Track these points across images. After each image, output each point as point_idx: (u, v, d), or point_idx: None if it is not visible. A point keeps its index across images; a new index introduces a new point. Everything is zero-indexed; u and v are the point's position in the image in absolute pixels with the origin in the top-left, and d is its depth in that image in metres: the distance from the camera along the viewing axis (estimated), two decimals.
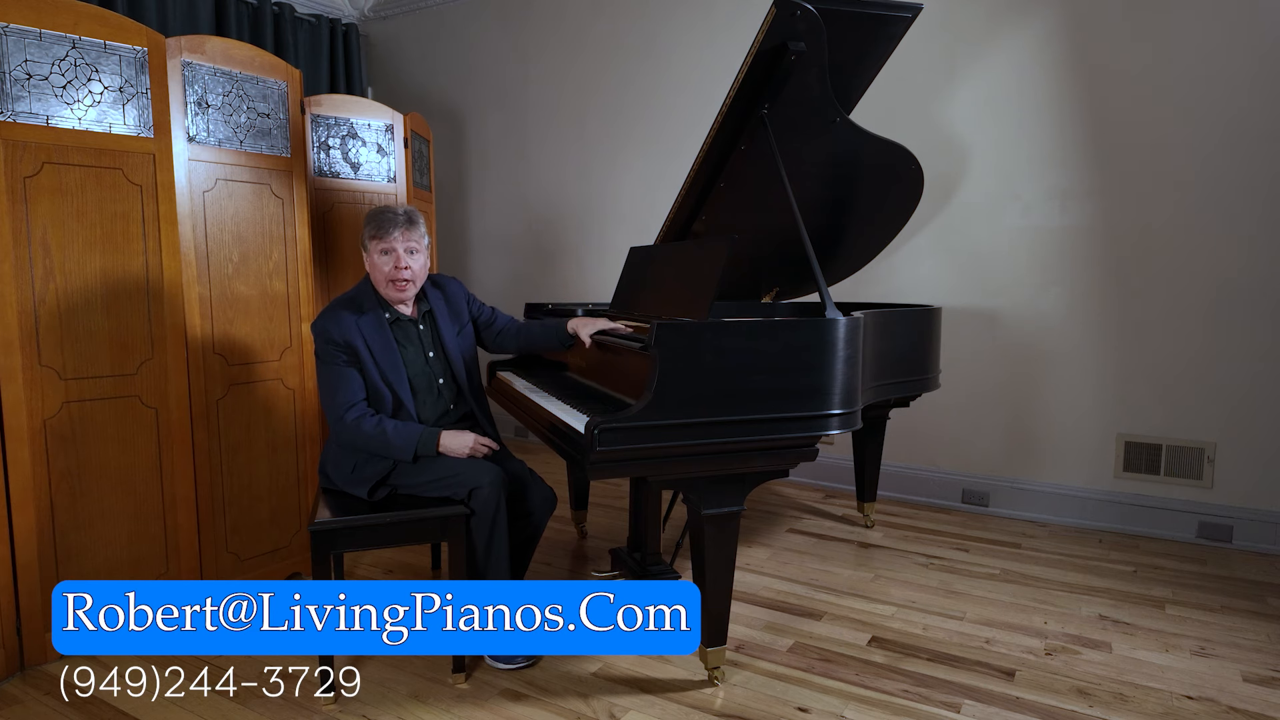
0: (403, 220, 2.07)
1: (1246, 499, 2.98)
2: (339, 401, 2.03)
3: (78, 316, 2.07)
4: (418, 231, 2.09)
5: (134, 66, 2.13)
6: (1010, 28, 3.24)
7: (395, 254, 2.05)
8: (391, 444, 2.00)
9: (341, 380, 2.04)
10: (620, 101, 4.28)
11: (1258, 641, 2.25)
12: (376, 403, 2.07)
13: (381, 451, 2.02)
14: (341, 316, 2.05)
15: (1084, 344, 3.22)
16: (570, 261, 4.61)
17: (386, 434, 2.00)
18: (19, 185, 1.96)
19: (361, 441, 2.02)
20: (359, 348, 2.04)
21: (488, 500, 1.99)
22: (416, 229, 2.09)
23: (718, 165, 2.44)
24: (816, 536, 3.13)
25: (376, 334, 2.07)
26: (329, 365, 2.05)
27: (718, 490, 1.88)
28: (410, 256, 2.07)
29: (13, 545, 2.00)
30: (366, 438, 2.01)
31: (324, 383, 2.07)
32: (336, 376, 2.04)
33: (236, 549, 2.45)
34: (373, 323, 2.07)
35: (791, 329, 1.82)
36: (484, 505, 1.99)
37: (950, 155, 3.40)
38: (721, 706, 1.91)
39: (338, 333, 2.03)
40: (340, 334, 2.03)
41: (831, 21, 2.08)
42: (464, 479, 2.00)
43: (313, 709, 1.89)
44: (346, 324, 2.04)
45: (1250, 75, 2.85)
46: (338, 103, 2.90)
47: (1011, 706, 1.91)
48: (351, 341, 2.03)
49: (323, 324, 2.04)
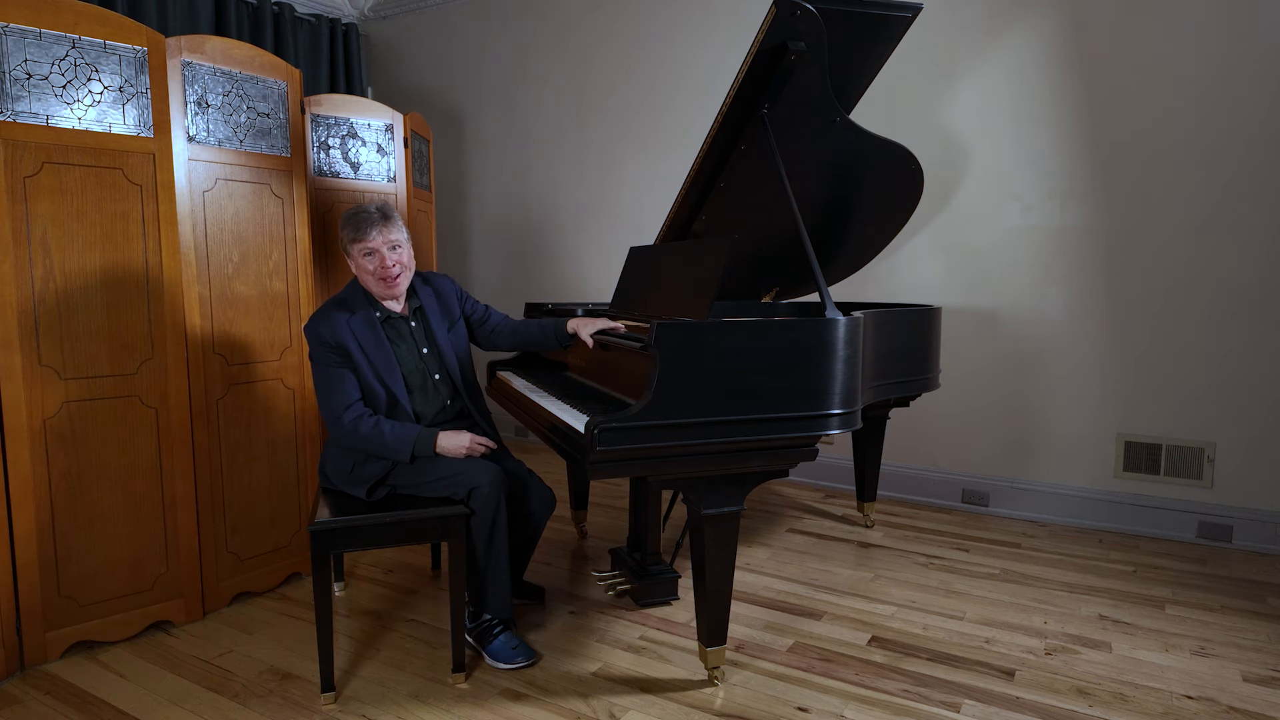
0: (378, 218, 2.06)
1: (1246, 499, 2.98)
2: (335, 404, 2.03)
3: (78, 316, 2.07)
4: (395, 225, 2.09)
5: (134, 66, 2.12)
6: (1010, 28, 3.24)
7: (379, 254, 2.05)
8: (388, 445, 2.00)
9: (336, 382, 2.04)
10: (620, 101, 4.28)
11: (1258, 641, 2.25)
12: (371, 402, 2.07)
13: (379, 452, 2.02)
14: (332, 317, 2.05)
15: (1084, 344, 3.22)
16: (570, 261, 4.61)
17: (383, 435, 2.00)
18: (19, 185, 1.95)
19: (359, 443, 2.02)
20: (351, 348, 2.04)
21: (487, 500, 2.00)
22: (394, 223, 2.09)
23: (718, 165, 2.44)
24: (816, 536, 3.13)
25: (368, 333, 2.07)
26: (323, 367, 2.05)
27: (718, 490, 1.88)
28: (394, 252, 2.07)
29: (13, 545, 2.00)
30: (363, 439, 2.00)
31: (319, 385, 2.07)
32: (331, 378, 2.04)
33: (236, 549, 2.45)
34: (364, 322, 2.07)
35: (791, 329, 1.82)
36: (484, 505, 2.00)
37: (950, 155, 3.40)
38: (721, 706, 1.90)
39: (329, 334, 2.03)
40: (331, 335, 2.03)
41: (831, 21, 2.08)
42: (463, 478, 2.00)
43: (313, 709, 1.89)
44: (338, 324, 2.04)
45: (1250, 75, 2.85)
46: (338, 102, 2.90)
47: (1011, 706, 1.91)
48: (343, 342, 2.03)
49: (314, 326, 2.04)
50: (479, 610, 2.12)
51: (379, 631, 2.29)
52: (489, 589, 2.09)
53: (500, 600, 2.11)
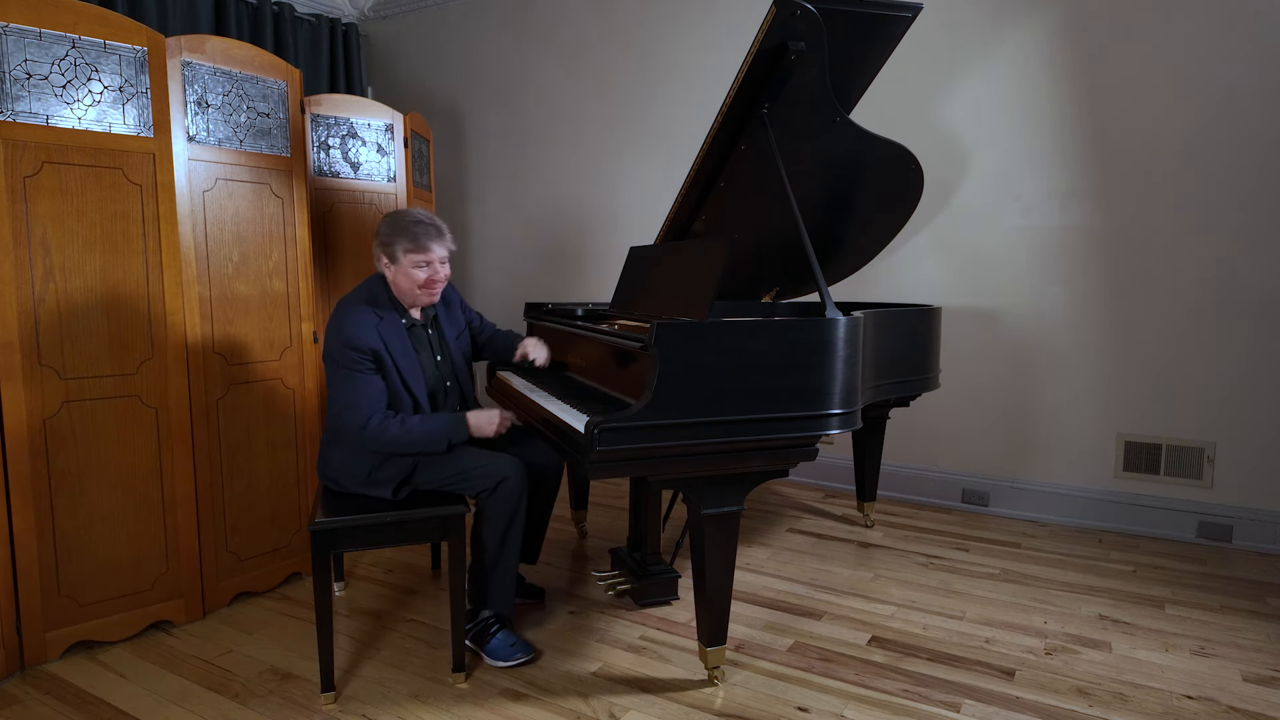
0: (435, 232, 2.08)
1: (1246, 499, 2.98)
2: (361, 408, 1.97)
3: (78, 316, 2.07)
4: (449, 238, 2.13)
5: (134, 66, 2.12)
6: (1010, 28, 3.24)
7: (433, 265, 2.07)
8: (421, 440, 1.98)
9: (364, 387, 1.99)
10: (621, 101, 4.28)
11: (1258, 641, 2.25)
12: (397, 407, 2.06)
13: (409, 450, 2.00)
14: (364, 322, 2.00)
15: (1084, 344, 3.22)
16: (570, 261, 4.60)
17: (414, 431, 1.98)
18: (19, 185, 1.95)
19: (388, 445, 1.98)
20: (383, 354, 2.02)
21: (513, 492, 2.02)
22: (447, 236, 2.13)
23: (718, 165, 2.44)
24: (816, 536, 3.13)
25: (397, 339, 2.06)
26: (351, 372, 1.99)
27: (718, 490, 1.88)
28: (444, 266, 2.11)
29: (13, 545, 2.00)
30: (394, 440, 1.97)
31: (344, 390, 2.00)
32: (360, 384, 1.99)
33: (236, 549, 2.45)
34: (392, 327, 2.07)
35: (791, 329, 1.82)
36: (508, 498, 2.03)
37: (950, 155, 3.40)
38: (721, 706, 1.90)
39: (363, 340, 1.98)
40: (365, 341, 1.98)
41: (831, 21, 2.08)
42: (491, 469, 2.02)
43: (313, 709, 1.89)
44: (369, 329, 2.00)
45: (1251, 74, 2.85)
46: (338, 102, 2.90)
47: (1011, 706, 1.91)
48: (376, 348, 2.00)
49: (348, 331, 1.98)
50: (478, 608, 2.12)
51: (379, 631, 2.29)
52: (494, 585, 2.10)
53: (504, 597, 2.12)
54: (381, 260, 2.08)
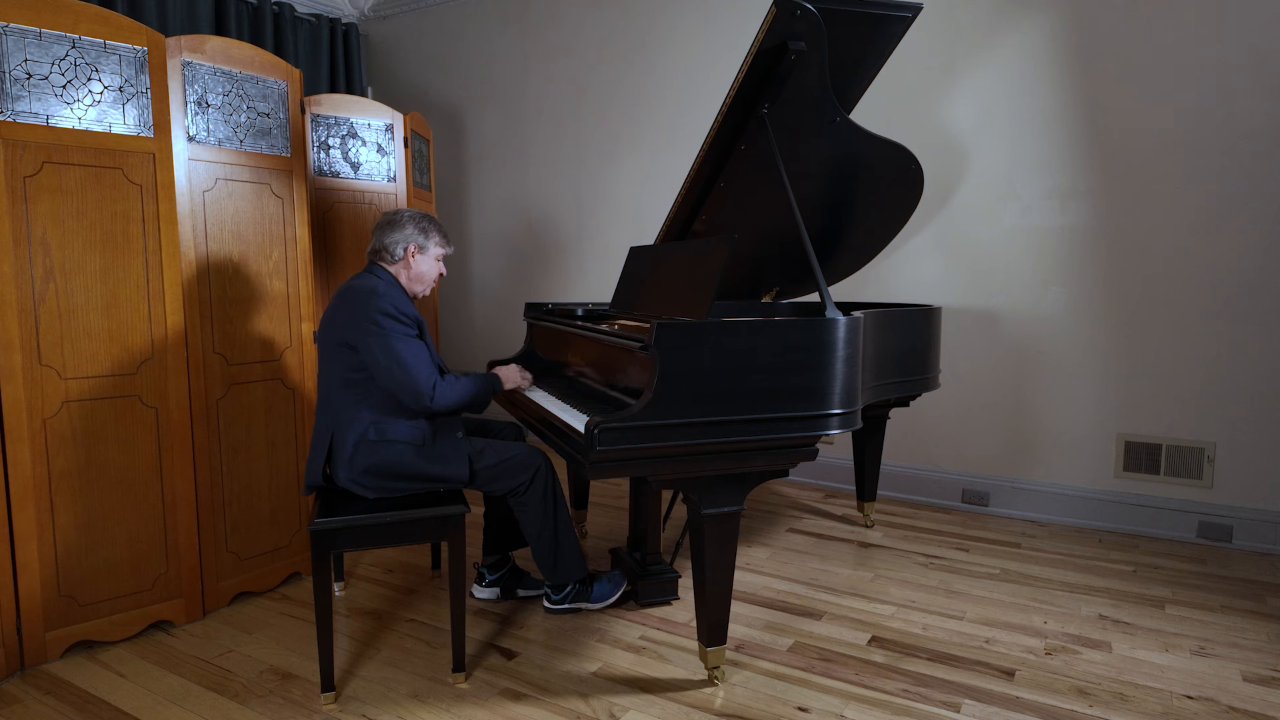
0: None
1: (1246, 499, 2.98)
2: (424, 372, 1.99)
3: (78, 316, 2.07)
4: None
5: (134, 66, 2.12)
6: (1010, 28, 3.24)
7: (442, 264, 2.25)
8: (476, 392, 2.11)
9: (420, 352, 2.03)
10: (620, 101, 4.28)
11: (1258, 641, 2.25)
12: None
13: (469, 407, 2.11)
14: (400, 295, 2.08)
15: (1084, 344, 3.22)
16: (570, 261, 4.61)
17: (468, 385, 2.09)
18: (19, 185, 1.95)
19: (451, 405, 2.05)
20: (423, 323, 2.11)
21: (547, 471, 2.18)
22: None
23: (718, 165, 2.44)
24: (816, 536, 3.13)
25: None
26: (405, 339, 1.99)
27: (718, 490, 1.88)
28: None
29: (13, 545, 2.00)
30: (454, 401, 2.05)
31: (400, 357, 1.96)
32: (414, 348, 2.01)
33: (236, 548, 2.45)
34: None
35: (792, 329, 1.82)
36: (546, 479, 2.18)
37: (950, 155, 3.40)
38: (721, 706, 1.90)
39: (408, 306, 2.07)
40: (408, 309, 2.06)
41: (831, 21, 2.08)
42: (523, 459, 2.13)
43: (313, 709, 1.89)
44: (408, 302, 2.10)
45: (1250, 75, 2.85)
46: (338, 102, 2.90)
47: (1011, 706, 1.91)
48: (419, 318, 2.10)
49: (389, 301, 2.00)
50: (561, 582, 2.28)
51: (379, 631, 2.29)
52: (563, 557, 2.23)
53: (577, 562, 2.27)
54: (409, 247, 2.14)
